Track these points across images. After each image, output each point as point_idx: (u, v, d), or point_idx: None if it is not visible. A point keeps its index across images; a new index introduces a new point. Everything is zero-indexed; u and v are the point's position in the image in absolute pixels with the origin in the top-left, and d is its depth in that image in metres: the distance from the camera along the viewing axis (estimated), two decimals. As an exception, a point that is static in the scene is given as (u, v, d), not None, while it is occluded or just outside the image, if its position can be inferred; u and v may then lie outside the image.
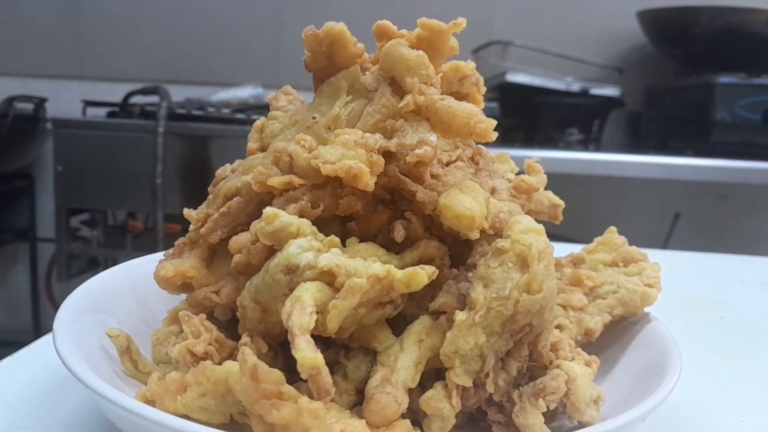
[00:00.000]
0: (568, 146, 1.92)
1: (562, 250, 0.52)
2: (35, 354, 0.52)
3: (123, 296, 0.48)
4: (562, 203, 0.50)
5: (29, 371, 0.48)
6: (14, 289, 2.42)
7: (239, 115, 1.84)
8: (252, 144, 0.49)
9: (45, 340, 0.53)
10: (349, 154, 0.38)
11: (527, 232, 0.36)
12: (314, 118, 0.45)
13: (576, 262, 0.50)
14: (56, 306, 0.41)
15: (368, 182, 0.38)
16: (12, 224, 2.30)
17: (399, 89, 0.41)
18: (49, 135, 2.05)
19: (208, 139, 1.82)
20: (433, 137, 0.39)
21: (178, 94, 2.03)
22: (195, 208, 0.45)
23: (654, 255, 0.52)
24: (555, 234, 0.37)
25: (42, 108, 2.15)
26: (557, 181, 0.53)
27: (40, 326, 2.32)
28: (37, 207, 2.34)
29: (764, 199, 1.96)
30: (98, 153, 1.85)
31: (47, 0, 2.31)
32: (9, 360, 0.50)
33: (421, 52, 0.40)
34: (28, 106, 2.11)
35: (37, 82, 2.30)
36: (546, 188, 0.51)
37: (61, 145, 1.88)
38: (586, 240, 0.54)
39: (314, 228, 0.37)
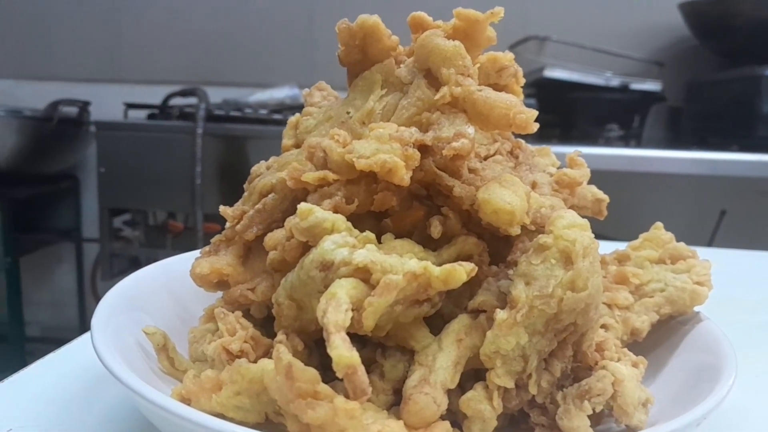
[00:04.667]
0: (608, 142, 1.88)
1: (604, 248, 0.50)
2: (77, 350, 0.52)
3: (159, 294, 0.48)
4: (606, 198, 0.48)
5: (70, 367, 0.49)
6: (61, 288, 2.48)
7: (276, 116, 1.86)
8: (287, 140, 0.48)
9: (86, 338, 0.54)
10: (384, 148, 0.37)
11: (571, 227, 0.35)
12: (348, 112, 0.44)
13: (621, 259, 0.48)
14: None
15: (403, 177, 0.37)
16: (58, 224, 2.37)
17: (435, 81, 0.40)
18: (92, 137, 2.10)
19: (245, 139, 1.83)
20: (470, 129, 0.38)
21: (216, 95, 2.05)
22: (230, 206, 0.45)
23: (700, 253, 0.49)
24: (594, 232, 0.36)
25: (86, 111, 2.20)
26: (597, 178, 0.52)
27: (85, 324, 2.37)
28: (82, 207, 2.40)
29: (815, 194, 1.89)
30: (139, 154, 1.89)
31: (89, 7, 2.37)
32: (51, 356, 0.51)
33: (457, 43, 0.39)
34: (73, 110, 2.16)
35: (81, 86, 2.36)
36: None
37: (103, 147, 1.92)
38: (626, 239, 0.52)
39: (349, 224, 0.36)
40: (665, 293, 0.45)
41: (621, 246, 0.51)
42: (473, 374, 0.37)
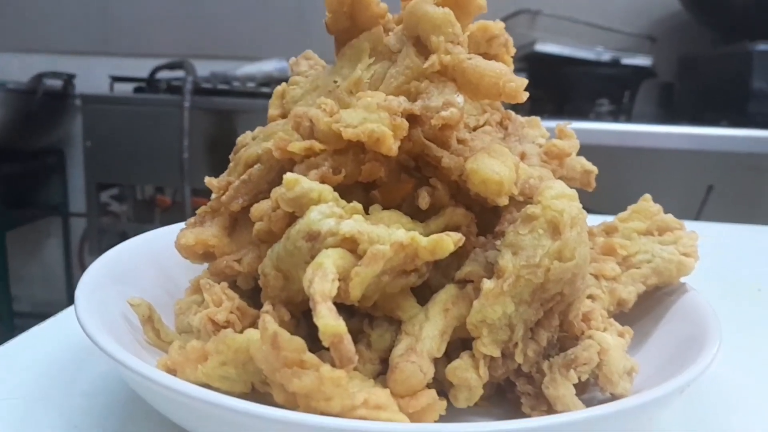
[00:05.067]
0: (599, 117, 1.87)
1: (593, 222, 0.50)
2: (61, 323, 0.52)
3: (145, 266, 0.47)
4: (595, 169, 0.48)
5: (55, 340, 0.48)
6: (48, 263, 2.47)
7: (264, 89, 1.84)
8: (273, 110, 0.48)
9: (70, 310, 0.54)
10: (372, 117, 0.37)
11: (559, 197, 0.35)
12: (335, 81, 0.43)
13: (609, 230, 0.48)
14: (90, 279, 0.42)
15: (391, 146, 0.36)
16: (45, 199, 2.35)
17: (424, 49, 0.39)
18: (78, 111, 2.08)
19: (233, 113, 1.82)
20: (459, 99, 0.37)
21: (204, 68, 2.02)
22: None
23: (687, 226, 0.50)
24: (583, 206, 0.36)
25: (71, 84, 2.17)
26: (587, 153, 0.51)
27: (73, 299, 2.36)
28: (69, 182, 2.38)
29: (803, 170, 1.90)
30: (126, 128, 1.87)
31: (73, -24, 2.32)
32: (35, 329, 0.51)
33: (447, 10, 0.38)
34: (57, 83, 2.13)
35: (66, 58, 2.32)
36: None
37: (89, 121, 1.90)
38: (615, 213, 0.52)
39: (336, 194, 0.35)
40: (652, 264, 0.45)
41: (609, 219, 0.51)
42: (460, 343, 0.37)
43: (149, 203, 2.04)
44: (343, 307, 0.33)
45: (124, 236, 2.08)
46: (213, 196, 0.44)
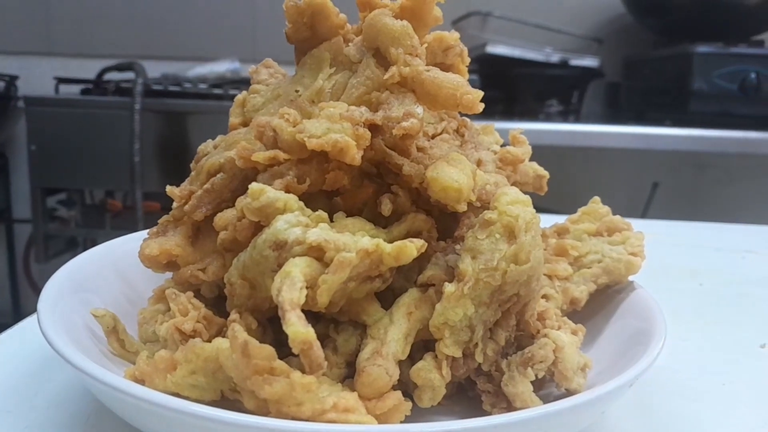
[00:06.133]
0: (548, 118, 1.93)
1: (544, 221, 0.52)
2: (17, 336, 0.51)
3: (107, 276, 0.47)
4: (546, 174, 0.50)
5: (12, 354, 0.48)
6: (-9, 272, 2.38)
7: (216, 90, 1.82)
8: (234, 119, 0.48)
9: (27, 322, 0.53)
10: (335, 127, 0.37)
11: (514, 203, 0.36)
12: (297, 91, 0.44)
13: (560, 232, 0.51)
14: (35, 287, 0.40)
15: (355, 156, 0.37)
16: (-15, 205, 2.26)
17: (383, 60, 0.41)
18: (21, 113, 2.01)
19: (185, 115, 1.79)
20: (419, 109, 0.38)
21: (154, 69, 1.99)
22: (174, 185, 0.45)
23: (633, 224, 0.52)
24: (535, 206, 0.37)
25: (13, 86, 2.10)
26: (537, 153, 0.54)
27: (19, 308, 2.29)
28: (12, 187, 2.30)
29: (741, 168, 1.99)
30: (73, 131, 1.82)
31: (14, -26, 2.24)
32: (-8, 342, 0.50)
33: (405, 22, 0.40)
34: (-1, 84, 2.06)
35: (7, 59, 2.24)
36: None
37: (34, 124, 1.84)
38: (565, 211, 0.54)
39: (301, 203, 0.36)
40: (602, 264, 0.48)
41: (561, 219, 0.53)
42: (423, 345, 0.38)
43: (99, 208, 1.99)
44: (309, 313, 0.34)
45: (73, 242, 2.01)
46: (174, 204, 0.45)
